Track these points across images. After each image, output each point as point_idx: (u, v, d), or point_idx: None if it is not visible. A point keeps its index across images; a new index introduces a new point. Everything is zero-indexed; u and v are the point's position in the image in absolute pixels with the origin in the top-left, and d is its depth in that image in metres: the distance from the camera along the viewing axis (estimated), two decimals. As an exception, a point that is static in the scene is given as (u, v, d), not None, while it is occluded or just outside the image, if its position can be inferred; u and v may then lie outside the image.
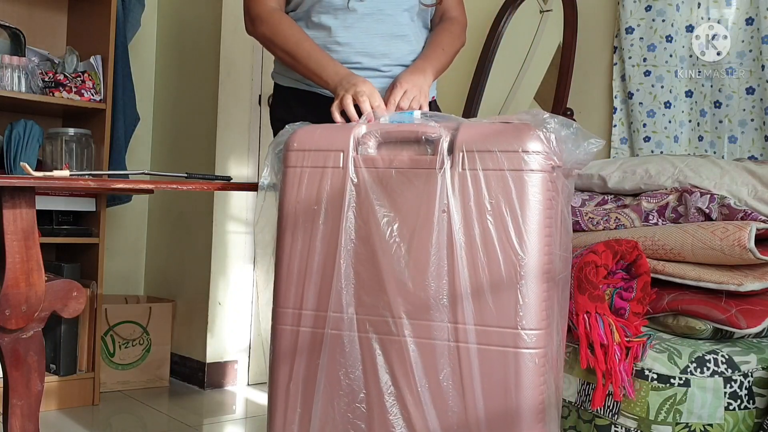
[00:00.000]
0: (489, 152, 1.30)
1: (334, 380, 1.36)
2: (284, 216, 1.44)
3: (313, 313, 1.38)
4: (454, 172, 1.32)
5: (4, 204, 1.43)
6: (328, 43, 1.67)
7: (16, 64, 2.61)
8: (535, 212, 1.28)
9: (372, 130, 1.40)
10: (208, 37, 3.08)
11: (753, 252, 1.72)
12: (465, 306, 1.30)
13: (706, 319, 1.73)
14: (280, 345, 1.41)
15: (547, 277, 1.30)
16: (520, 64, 3.00)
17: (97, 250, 2.74)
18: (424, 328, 1.32)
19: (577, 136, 1.34)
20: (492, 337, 1.29)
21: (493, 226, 1.28)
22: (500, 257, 1.28)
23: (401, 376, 1.33)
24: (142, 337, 3.00)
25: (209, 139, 3.03)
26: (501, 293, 1.28)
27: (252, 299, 3.12)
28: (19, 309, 1.45)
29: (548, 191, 1.29)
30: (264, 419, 2.70)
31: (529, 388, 1.28)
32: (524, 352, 1.28)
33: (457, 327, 1.30)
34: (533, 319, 1.28)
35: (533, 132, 1.30)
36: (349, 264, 1.36)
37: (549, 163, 1.29)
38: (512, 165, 1.28)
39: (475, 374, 1.29)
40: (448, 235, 1.30)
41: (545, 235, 1.29)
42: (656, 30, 2.55)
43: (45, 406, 1.50)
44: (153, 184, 1.78)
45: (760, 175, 2.05)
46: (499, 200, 1.29)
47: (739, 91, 2.39)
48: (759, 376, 1.66)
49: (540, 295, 1.28)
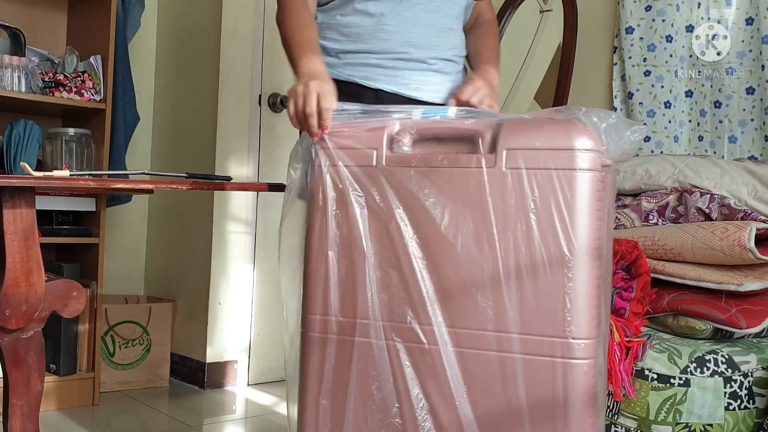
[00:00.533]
0: (534, 150, 1.21)
1: (367, 394, 1.29)
2: (313, 217, 1.35)
3: (343, 320, 1.31)
4: (496, 171, 1.23)
5: (4, 204, 1.43)
6: (375, 31, 1.59)
7: (16, 64, 2.61)
8: (584, 213, 1.19)
9: (407, 127, 1.32)
10: (208, 37, 3.08)
11: (753, 252, 1.72)
12: (508, 313, 1.21)
13: (706, 319, 1.73)
14: (310, 354, 1.33)
15: (597, 282, 1.20)
16: (520, 64, 3.00)
17: (97, 250, 2.74)
18: (462, 337, 1.24)
19: (618, 126, 1.24)
20: (538, 346, 1.19)
21: (538, 227, 1.20)
22: (546, 261, 1.19)
23: (434, 388, 1.25)
24: (142, 337, 3.00)
25: (209, 139, 3.03)
26: (548, 300, 1.19)
27: (252, 299, 3.12)
28: (19, 309, 1.45)
29: (598, 191, 1.20)
30: (264, 419, 2.70)
31: (578, 400, 1.18)
32: (573, 362, 1.18)
33: (499, 336, 1.21)
34: (583, 327, 1.18)
35: (583, 128, 1.21)
36: (378, 269, 1.29)
37: (599, 161, 1.21)
38: (560, 164, 1.19)
39: (520, 386, 1.20)
40: (488, 238, 1.22)
41: (595, 238, 1.20)
42: (656, 30, 2.55)
43: (45, 406, 1.51)
44: (153, 184, 1.78)
45: (760, 175, 2.05)
46: (545, 201, 1.20)
47: (739, 91, 2.39)
48: (759, 376, 1.65)
49: (590, 302, 1.19)
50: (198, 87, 3.13)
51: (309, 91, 1.38)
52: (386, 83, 1.60)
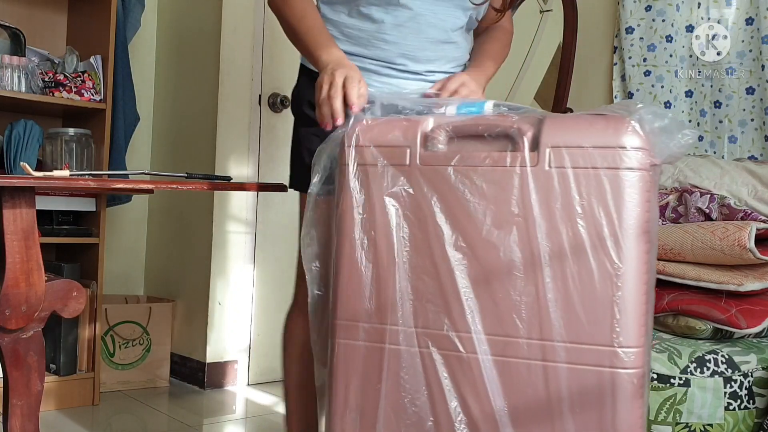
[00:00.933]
0: (580, 148, 1.14)
1: (399, 408, 1.22)
2: (342, 221, 1.28)
3: (375, 326, 1.25)
4: (539, 170, 1.16)
5: (4, 204, 1.43)
6: (374, 39, 1.55)
7: (16, 64, 2.61)
8: (633, 215, 1.12)
9: (442, 124, 1.25)
10: (208, 37, 3.08)
11: (753, 252, 1.72)
12: (553, 320, 1.14)
13: (706, 319, 1.73)
14: (339, 361, 1.27)
15: (646, 288, 1.15)
16: (520, 64, 3.00)
17: (97, 250, 2.74)
18: (504, 345, 1.17)
19: (670, 128, 1.17)
20: (584, 355, 1.13)
21: (585, 231, 1.13)
22: (594, 266, 1.13)
23: (472, 399, 1.18)
24: (142, 337, 3.00)
25: (209, 139, 3.03)
26: (595, 306, 1.13)
27: (252, 299, 3.12)
28: (19, 309, 1.45)
29: (647, 192, 1.14)
30: (264, 419, 2.70)
31: (626, 412, 1.12)
32: (621, 372, 1.12)
33: (544, 344, 1.15)
34: (631, 336, 1.12)
35: (631, 126, 1.14)
36: (412, 274, 1.22)
37: (648, 161, 1.14)
38: (607, 163, 1.13)
39: (565, 397, 1.14)
40: (532, 243, 1.15)
41: (645, 242, 1.14)
42: (656, 30, 2.55)
43: (45, 406, 1.51)
44: (153, 184, 1.78)
45: (760, 175, 2.05)
46: (591, 202, 1.13)
47: (739, 91, 2.39)
48: (759, 376, 1.65)
49: (639, 309, 1.13)
50: (198, 87, 3.13)
51: (335, 77, 1.38)
52: (379, 90, 1.54)
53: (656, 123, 1.16)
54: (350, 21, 1.57)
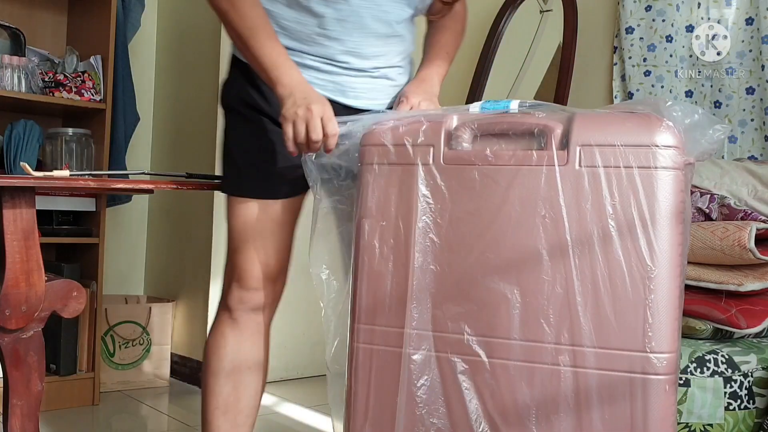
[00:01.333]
0: (611, 147, 1.10)
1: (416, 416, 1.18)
2: (362, 219, 1.24)
3: (394, 330, 1.21)
4: (568, 169, 1.12)
5: (4, 204, 1.43)
6: (315, 34, 1.44)
7: (16, 64, 2.61)
8: (666, 216, 1.08)
9: (467, 121, 1.21)
10: (208, 37, 3.08)
11: (753, 252, 1.72)
12: (582, 325, 1.10)
13: (706, 319, 1.73)
14: (359, 366, 1.23)
15: (678, 291, 1.10)
16: (520, 64, 3.00)
17: (97, 250, 2.74)
18: (528, 350, 1.13)
19: (702, 123, 1.14)
20: (615, 361, 1.09)
21: (617, 232, 1.09)
22: (625, 268, 1.09)
23: (495, 407, 1.14)
24: (142, 337, 3.00)
25: (209, 139, 3.03)
26: (626, 310, 1.08)
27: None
28: (19, 309, 1.45)
29: (681, 192, 1.10)
30: (264, 419, 2.70)
31: (659, 420, 1.08)
32: (653, 378, 1.07)
33: (573, 349, 1.10)
34: (664, 341, 1.08)
35: (664, 123, 1.10)
36: (431, 276, 1.18)
37: (682, 159, 1.10)
38: (640, 162, 1.09)
39: (595, 404, 1.09)
40: (561, 245, 1.11)
41: (678, 244, 1.09)
42: (656, 30, 2.55)
43: (45, 406, 1.50)
44: (153, 184, 1.78)
45: (760, 175, 2.05)
46: (623, 202, 1.09)
47: (739, 91, 2.39)
48: (759, 376, 1.65)
49: (672, 313, 1.09)
50: (198, 87, 3.13)
51: (312, 116, 1.30)
52: (322, 88, 1.44)
53: (687, 119, 1.12)
54: (289, 13, 1.44)
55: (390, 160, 1.23)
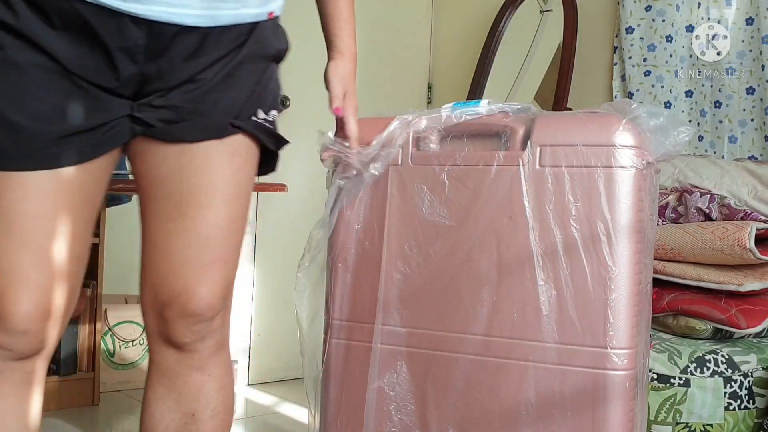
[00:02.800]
0: (572, 147, 1.13)
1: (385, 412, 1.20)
2: (336, 219, 1.27)
3: (365, 325, 1.23)
4: (530, 169, 1.14)
5: (4, 204, 1.42)
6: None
7: (16, 64, 2.61)
8: (626, 216, 1.10)
9: (434, 124, 1.23)
10: (208, 37, 3.08)
11: (753, 252, 1.72)
12: (545, 322, 1.13)
13: (706, 319, 1.73)
14: (331, 360, 1.26)
15: (638, 289, 1.13)
16: (520, 64, 3.00)
17: (97, 250, 2.74)
18: (493, 346, 1.15)
19: (666, 126, 1.16)
20: (576, 357, 1.12)
21: (578, 232, 1.11)
22: (587, 268, 1.11)
23: (461, 401, 1.16)
24: (142, 337, 3.00)
25: (209, 139, 3.02)
26: (587, 308, 1.11)
27: (252, 299, 3.12)
28: (19, 309, 1.45)
29: (640, 191, 1.12)
30: (264, 419, 2.70)
31: (618, 414, 1.10)
32: (613, 374, 1.10)
33: (537, 345, 1.13)
34: (624, 337, 1.10)
35: (623, 123, 1.12)
36: (400, 273, 1.21)
37: (642, 159, 1.12)
38: (600, 161, 1.11)
39: (558, 399, 1.12)
40: (523, 242, 1.14)
41: (637, 242, 1.12)
42: (656, 30, 2.55)
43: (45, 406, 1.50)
44: (153, 184, 1.77)
45: (760, 175, 2.05)
46: (585, 203, 1.11)
47: (739, 91, 2.39)
48: (759, 376, 1.65)
49: (631, 310, 1.11)
50: (198, 87, 3.12)
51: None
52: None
53: (651, 121, 1.14)
54: None
55: (361, 161, 1.24)
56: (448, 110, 1.27)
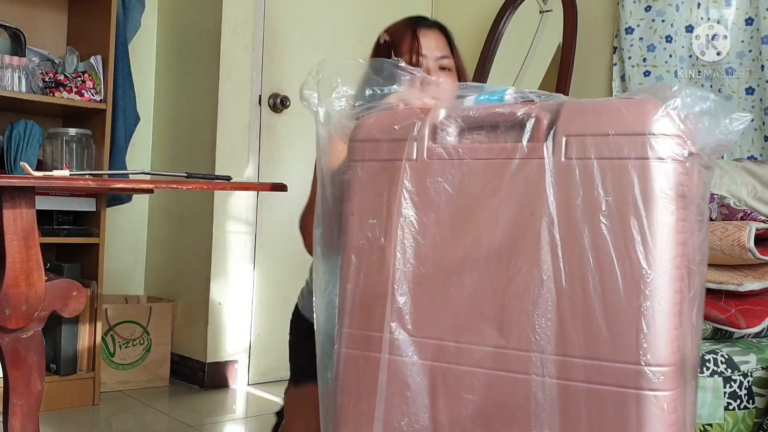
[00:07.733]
0: (603, 136, 1.00)
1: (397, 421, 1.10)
2: (348, 219, 1.18)
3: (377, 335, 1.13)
4: (556, 163, 1.02)
5: (4, 204, 1.43)
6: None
7: (16, 64, 2.61)
8: (664, 213, 0.97)
9: (453, 114, 1.13)
10: (208, 37, 3.08)
11: (752, 252, 1.72)
12: (569, 333, 1.00)
13: (706, 319, 1.73)
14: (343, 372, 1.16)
15: (679, 296, 0.99)
16: (520, 64, 3.01)
17: (97, 250, 2.74)
18: (512, 359, 1.04)
19: (716, 112, 1.02)
20: (606, 374, 0.98)
21: (609, 231, 0.99)
22: (618, 271, 0.98)
23: (476, 417, 1.05)
24: (142, 337, 3.00)
25: (209, 139, 3.03)
26: (618, 318, 0.98)
27: (252, 299, 3.12)
28: (19, 309, 1.45)
29: (681, 185, 0.99)
30: (264, 419, 2.70)
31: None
32: (648, 394, 0.96)
33: (557, 359, 1.01)
34: (661, 352, 0.96)
35: (660, 108, 0.99)
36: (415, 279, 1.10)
37: (682, 149, 0.99)
38: (634, 152, 0.98)
39: (582, 422, 0.99)
40: (549, 242, 1.02)
41: (677, 243, 0.98)
42: (656, 30, 2.55)
43: (45, 406, 1.51)
44: (153, 184, 1.78)
45: (759, 175, 2.05)
46: (617, 198, 0.98)
47: (739, 91, 2.39)
48: (759, 376, 1.66)
49: (670, 321, 0.97)
50: (198, 87, 3.13)
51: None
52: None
53: (696, 106, 1.00)
54: None
55: (376, 156, 1.15)
56: (470, 99, 1.16)
